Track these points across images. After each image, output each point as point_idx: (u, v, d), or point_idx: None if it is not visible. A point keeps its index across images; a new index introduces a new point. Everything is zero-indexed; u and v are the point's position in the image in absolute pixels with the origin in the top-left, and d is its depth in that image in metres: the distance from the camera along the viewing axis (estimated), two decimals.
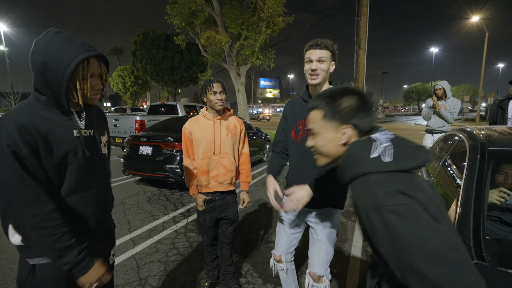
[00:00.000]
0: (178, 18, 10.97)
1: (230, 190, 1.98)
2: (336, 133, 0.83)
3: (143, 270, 2.43)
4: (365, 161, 0.75)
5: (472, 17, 22.40)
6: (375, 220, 0.67)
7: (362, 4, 9.80)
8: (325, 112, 0.84)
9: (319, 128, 0.86)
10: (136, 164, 4.82)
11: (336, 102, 0.83)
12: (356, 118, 0.81)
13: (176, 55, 22.53)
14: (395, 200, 0.65)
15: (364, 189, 0.72)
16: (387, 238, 0.65)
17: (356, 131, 0.82)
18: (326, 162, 0.90)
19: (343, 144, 0.83)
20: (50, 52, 0.87)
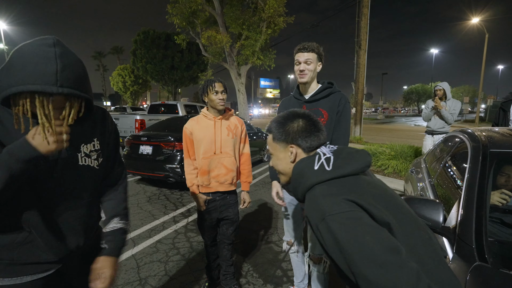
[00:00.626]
0: (179, 18, 10.97)
1: (231, 190, 1.98)
2: (285, 152, 0.93)
3: (143, 270, 2.43)
4: (310, 173, 0.81)
5: (472, 18, 22.42)
6: (323, 231, 0.71)
7: (363, 5, 9.81)
8: (273, 135, 0.95)
9: (272, 149, 0.97)
10: (136, 164, 4.82)
11: (283, 126, 0.93)
12: (299, 139, 0.90)
13: (177, 55, 22.51)
14: (338, 209, 0.69)
15: (312, 202, 0.77)
16: (335, 247, 0.68)
17: (301, 150, 0.91)
18: (285, 180, 0.98)
19: (292, 162, 0.92)
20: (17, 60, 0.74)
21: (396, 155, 5.89)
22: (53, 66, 0.73)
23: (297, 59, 1.66)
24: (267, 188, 4.96)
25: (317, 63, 1.66)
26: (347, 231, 0.66)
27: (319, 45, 1.65)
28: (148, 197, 4.45)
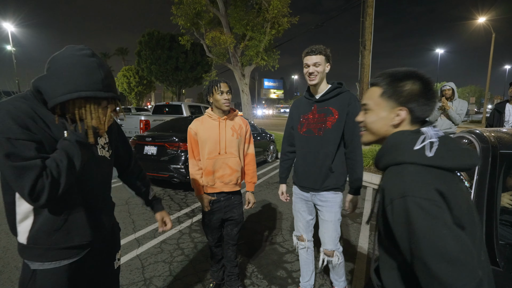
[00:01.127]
0: (183, 19, 11.02)
1: (236, 190, 1.98)
2: (390, 113, 0.82)
3: (147, 270, 2.43)
4: (407, 151, 0.74)
5: (478, 18, 22.16)
6: (397, 208, 0.67)
7: (368, 5, 9.74)
8: (384, 90, 0.83)
9: (374, 104, 0.85)
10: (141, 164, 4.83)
11: (398, 82, 0.81)
12: (414, 103, 0.78)
13: (181, 56, 22.61)
14: (424, 194, 0.65)
15: (397, 176, 0.72)
16: (405, 227, 0.66)
17: (410, 116, 0.80)
18: (370, 140, 0.89)
19: (394, 126, 0.82)
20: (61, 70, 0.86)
21: None
22: (98, 75, 0.90)
23: (306, 63, 1.72)
24: (271, 189, 4.95)
25: (325, 64, 1.72)
26: (425, 218, 0.63)
27: (326, 47, 1.72)
28: None
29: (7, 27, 31.77)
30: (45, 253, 0.92)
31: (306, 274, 2.08)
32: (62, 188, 0.86)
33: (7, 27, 31.77)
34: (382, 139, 0.86)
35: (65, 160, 0.85)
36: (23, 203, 0.90)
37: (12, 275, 2.33)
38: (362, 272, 2.43)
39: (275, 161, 7.65)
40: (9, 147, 0.79)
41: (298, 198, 1.96)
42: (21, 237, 0.92)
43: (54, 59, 0.88)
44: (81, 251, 1.00)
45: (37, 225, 0.91)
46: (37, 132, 0.85)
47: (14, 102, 0.85)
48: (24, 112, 0.84)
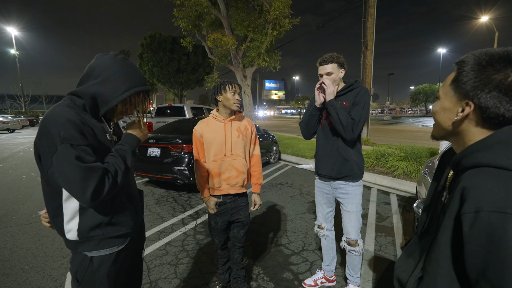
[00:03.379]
0: (185, 21, 11.05)
1: (242, 192, 1.97)
2: (455, 105, 0.67)
3: (153, 272, 2.42)
4: None
5: (481, 17, 22.07)
6: (486, 221, 0.53)
7: (369, 5, 9.73)
8: (459, 75, 0.66)
9: (443, 92, 0.71)
10: (144, 166, 4.85)
11: (482, 68, 0.62)
12: (492, 100, 0.60)
13: (183, 58, 22.71)
14: None
15: (499, 183, 0.55)
16: (487, 245, 0.53)
17: (479, 116, 0.63)
18: (437, 134, 0.75)
19: (455, 122, 0.67)
20: (114, 73, 1.02)
21: (406, 156, 5.80)
22: (139, 71, 1.11)
23: (320, 73, 1.86)
24: (275, 190, 4.94)
25: (339, 71, 1.85)
26: None
27: (338, 54, 1.84)
28: (156, 199, 4.46)
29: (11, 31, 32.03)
30: (100, 242, 1.06)
31: (326, 258, 2.23)
32: (117, 188, 1.00)
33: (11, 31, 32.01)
34: (448, 136, 0.72)
35: (122, 165, 1.01)
36: (70, 204, 1.02)
37: (18, 277, 2.33)
38: (369, 274, 2.41)
39: (278, 162, 7.63)
40: (76, 152, 0.90)
41: (319, 191, 2.09)
42: (71, 235, 1.03)
43: (101, 67, 1.03)
44: (125, 240, 1.14)
45: (86, 222, 1.03)
46: (89, 137, 0.97)
47: (68, 110, 0.95)
48: (79, 119, 0.95)
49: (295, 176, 6.04)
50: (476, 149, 0.62)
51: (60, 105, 0.99)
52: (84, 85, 1.03)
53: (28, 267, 2.49)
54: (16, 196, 4.53)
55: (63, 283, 2.27)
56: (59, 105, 0.99)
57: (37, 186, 5.23)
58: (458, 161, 0.67)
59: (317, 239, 3.04)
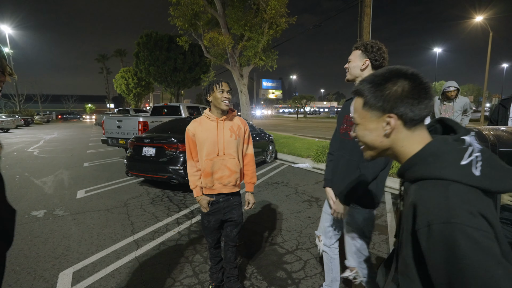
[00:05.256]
0: (181, 20, 10.98)
1: (235, 191, 1.96)
2: (378, 123, 0.73)
3: (146, 272, 2.41)
4: (453, 165, 0.63)
5: (476, 17, 22.24)
6: (438, 233, 0.56)
7: (365, 5, 9.75)
8: (365, 99, 0.74)
9: (360, 118, 0.77)
10: (140, 166, 4.82)
11: (379, 87, 0.71)
12: (402, 106, 0.69)
13: (179, 57, 22.58)
14: (475, 223, 0.55)
15: (439, 195, 0.60)
16: (445, 257, 0.55)
17: (401, 121, 0.70)
18: (372, 155, 0.80)
19: (387, 136, 0.73)
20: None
21: None
22: None
23: None
24: (271, 189, 4.94)
25: (361, 59, 1.57)
26: (477, 253, 0.53)
27: (367, 41, 1.58)
28: (152, 199, 4.44)
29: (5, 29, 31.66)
30: None
31: (327, 278, 1.98)
32: None
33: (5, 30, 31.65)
34: (382, 152, 0.77)
35: None
36: None
37: (9, 278, 2.30)
38: None
39: (274, 162, 7.64)
40: None
41: (327, 201, 1.84)
42: None
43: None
44: None
45: None
46: None
47: None
48: None
49: (291, 175, 6.05)
50: (414, 163, 0.69)
51: None
52: None
53: (19, 268, 2.47)
54: (9, 197, 4.42)
55: (55, 284, 2.26)
56: None
57: (31, 186, 5.18)
58: (402, 174, 0.73)
59: (311, 237, 3.04)
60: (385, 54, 1.57)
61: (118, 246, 2.87)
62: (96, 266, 2.51)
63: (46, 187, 5.13)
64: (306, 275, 2.37)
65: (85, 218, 3.63)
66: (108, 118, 7.87)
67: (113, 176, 5.96)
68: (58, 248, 2.84)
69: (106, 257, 2.66)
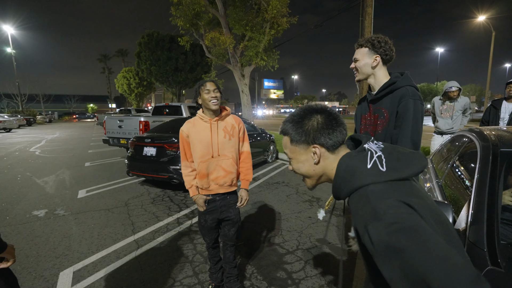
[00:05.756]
0: (183, 20, 11.00)
1: (232, 190, 1.96)
2: (307, 154, 0.84)
3: (146, 272, 2.41)
4: (363, 172, 0.73)
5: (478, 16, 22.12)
6: (374, 232, 0.62)
7: (367, 4, 9.72)
8: (291, 137, 0.85)
9: (291, 152, 0.87)
10: (140, 165, 4.83)
11: (300, 125, 0.83)
12: (322, 137, 0.80)
13: (180, 57, 22.61)
14: (396, 210, 0.62)
15: (363, 201, 0.69)
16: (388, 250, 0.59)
17: (325, 149, 0.82)
18: (312, 183, 0.90)
19: (317, 163, 0.84)
20: None
21: None
22: None
23: None
24: (271, 190, 4.93)
25: (371, 56, 1.48)
26: (410, 234, 0.58)
27: (373, 37, 1.48)
28: (152, 198, 4.45)
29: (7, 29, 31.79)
30: None
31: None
32: None
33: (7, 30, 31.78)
34: (319, 178, 0.87)
35: None
36: None
37: None
38: (363, 272, 2.41)
39: (275, 162, 7.63)
40: None
41: None
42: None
43: None
44: None
45: None
46: None
47: None
48: None
49: (292, 175, 6.04)
50: (337, 185, 0.79)
51: None
52: None
53: (20, 267, 2.47)
54: (10, 196, 4.50)
55: (55, 283, 2.26)
56: None
57: (32, 186, 5.20)
58: (337, 197, 0.83)
59: (312, 238, 3.04)
60: (392, 46, 1.50)
61: (119, 246, 2.87)
62: (97, 265, 2.51)
63: (47, 187, 5.15)
64: (306, 275, 2.36)
65: (86, 218, 3.64)
66: (109, 118, 7.88)
67: (114, 176, 5.97)
68: (59, 247, 2.85)
69: (107, 256, 2.67)
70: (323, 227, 3.30)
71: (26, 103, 38.94)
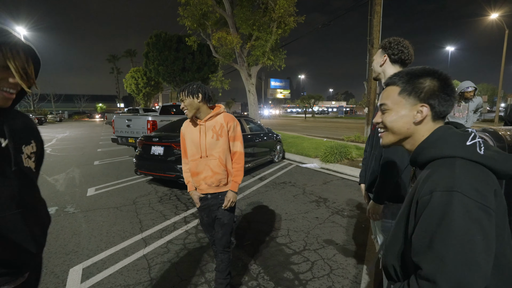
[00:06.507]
0: (190, 20, 11.06)
1: (222, 191, 1.93)
2: (411, 110, 0.80)
3: (154, 270, 2.43)
4: (459, 144, 0.71)
5: (491, 14, 21.58)
6: (437, 199, 0.63)
7: (376, 3, 9.59)
8: (402, 87, 0.82)
9: (393, 103, 0.83)
10: (148, 164, 4.87)
11: (417, 79, 0.80)
12: (435, 99, 0.77)
13: (188, 56, 22.76)
14: (473, 195, 0.62)
15: (445, 169, 0.68)
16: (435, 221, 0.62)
17: (432, 113, 0.78)
18: (392, 140, 0.85)
19: (416, 123, 0.80)
20: None
21: None
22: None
23: None
24: (278, 189, 4.92)
25: (381, 56, 1.64)
26: (466, 219, 0.60)
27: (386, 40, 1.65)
28: (160, 197, 4.48)
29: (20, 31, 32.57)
30: None
31: None
32: None
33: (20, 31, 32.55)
34: (403, 139, 0.84)
35: None
36: None
37: None
38: (371, 275, 2.38)
39: (282, 161, 7.60)
40: None
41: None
42: None
43: None
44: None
45: None
46: None
47: None
48: None
49: (298, 175, 6.01)
50: (424, 147, 0.78)
51: None
52: None
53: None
54: None
55: (65, 279, 2.30)
56: None
57: (43, 184, 5.31)
58: (414, 160, 0.81)
59: (319, 238, 3.01)
60: (406, 49, 1.59)
61: (127, 244, 2.90)
62: (105, 263, 2.55)
63: (58, 185, 5.25)
64: (313, 276, 2.34)
65: (95, 216, 3.69)
66: (118, 117, 7.99)
67: (123, 175, 6.05)
68: (69, 244, 2.90)
69: (115, 254, 2.70)
70: (330, 228, 3.27)
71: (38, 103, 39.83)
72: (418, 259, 0.65)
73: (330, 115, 74.39)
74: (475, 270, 0.59)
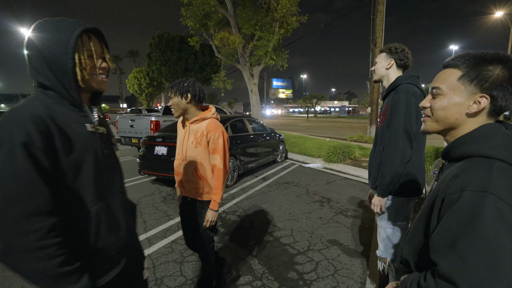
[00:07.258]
0: (192, 20, 11.09)
1: (203, 200, 1.80)
2: (467, 99, 0.71)
3: (158, 270, 2.44)
4: (503, 146, 0.65)
5: (495, 12, 21.40)
6: (468, 198, 0.60)
7: (378, 2, 9.55)
8: (464, 72, 0.71)
9: (448, 88, 0.73)
10: (152, 164, 4.89)
11: (485, 66, 0.69)
12: (500, 91, 0.67)
13: (190, 57, 22.83)
14: (509, 198, 0.58)
15: (480, 169, 0.64)
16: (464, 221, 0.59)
17: (490, 106, 0.69)
18: (434, 128, 0.78)
19: (468, 115, 0.71)
20: (45, 35, 0.80)
21: None
22: (70, 19, 0.87)
23: None
24: (281, 189, 4.91)
25: (386, 60, 1.72)
26: (497, 223, 0.57)
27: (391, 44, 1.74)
28: (163, 197, 4.50)
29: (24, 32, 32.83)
30: None
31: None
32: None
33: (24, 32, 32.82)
34: (447, 129, 0.76)
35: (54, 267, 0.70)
36: None
37: None
38: (376, 275, 2.37)
39: (284, 161, 7.60)
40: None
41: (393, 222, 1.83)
42: None
43: (28, 50, 0.84)
44: None
45: None
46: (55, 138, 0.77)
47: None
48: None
49: (301, 175, 6.00)
50: (463, 141, 0.71)
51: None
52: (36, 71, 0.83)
53: None
54: None
55: None
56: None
57: None
58: (447, 152, 0.76)
59: (323, 238, 3.01)
60: (409, 54, 1.71)
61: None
62: None
63: None
64: (318, 276, 2.34)
65: None
66: (121, 118, 8.03)
67: (126, 175, 6.08)
68: None
69: None
70: (334, 228, 3.26)
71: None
72: (437, 257, 0.64)
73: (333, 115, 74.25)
74: (499, 276, 0.56)
